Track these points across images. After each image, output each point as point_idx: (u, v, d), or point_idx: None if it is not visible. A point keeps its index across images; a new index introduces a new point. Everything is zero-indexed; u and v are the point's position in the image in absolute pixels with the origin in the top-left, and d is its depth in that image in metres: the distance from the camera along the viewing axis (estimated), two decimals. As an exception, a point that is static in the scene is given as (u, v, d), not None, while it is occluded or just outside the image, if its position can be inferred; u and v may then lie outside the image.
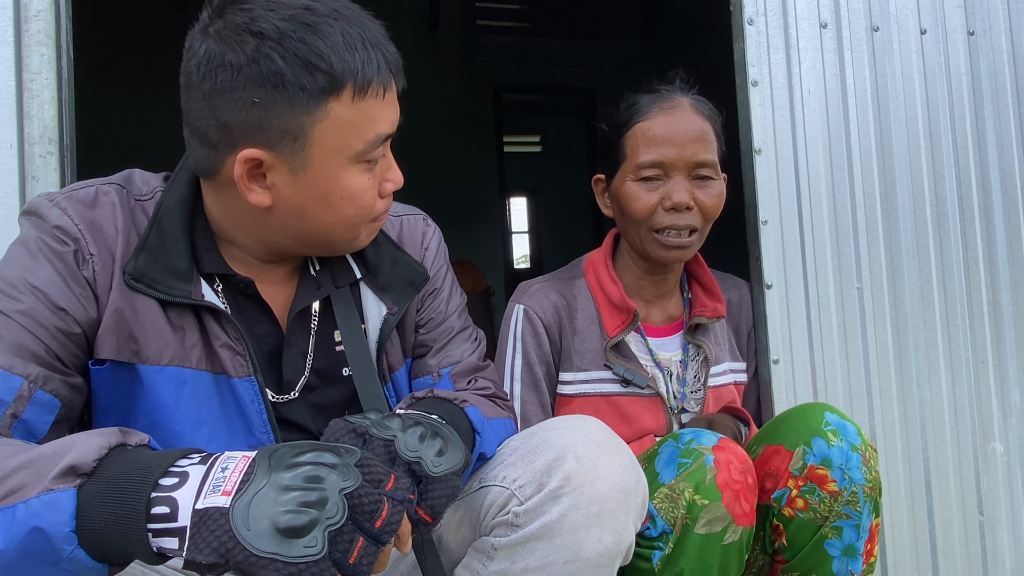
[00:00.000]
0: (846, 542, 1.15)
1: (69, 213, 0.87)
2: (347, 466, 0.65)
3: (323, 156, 0.85)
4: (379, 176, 0.92)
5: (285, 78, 0.81)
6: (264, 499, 0.61)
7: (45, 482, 0.63)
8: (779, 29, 1.57)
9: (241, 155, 0.84)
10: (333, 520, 0.61)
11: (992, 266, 1.67)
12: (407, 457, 0.77)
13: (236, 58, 0.81)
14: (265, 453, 0.65)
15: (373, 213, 0.93)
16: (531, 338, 1.35)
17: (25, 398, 0.80)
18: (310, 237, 0.93)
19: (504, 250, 5.77)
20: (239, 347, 0.92)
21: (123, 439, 0.68)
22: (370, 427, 0.78)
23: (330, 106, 0.83)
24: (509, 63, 5.42)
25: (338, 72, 0.82)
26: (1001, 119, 1.69)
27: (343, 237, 0.94)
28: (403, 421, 0.81)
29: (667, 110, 1.30)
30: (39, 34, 1.21)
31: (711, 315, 1.38)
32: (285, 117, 0.82)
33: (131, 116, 4.32)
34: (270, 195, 0.87)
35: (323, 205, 0.89)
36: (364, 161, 0.88)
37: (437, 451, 0.79)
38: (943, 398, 1.62)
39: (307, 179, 0.86)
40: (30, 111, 1.20)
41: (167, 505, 0.62)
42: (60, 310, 0.84)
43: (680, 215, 1.28)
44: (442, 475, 0.77)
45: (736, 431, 1.33)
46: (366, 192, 0.90)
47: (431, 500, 0.77)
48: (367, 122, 0.86)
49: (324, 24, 0.82)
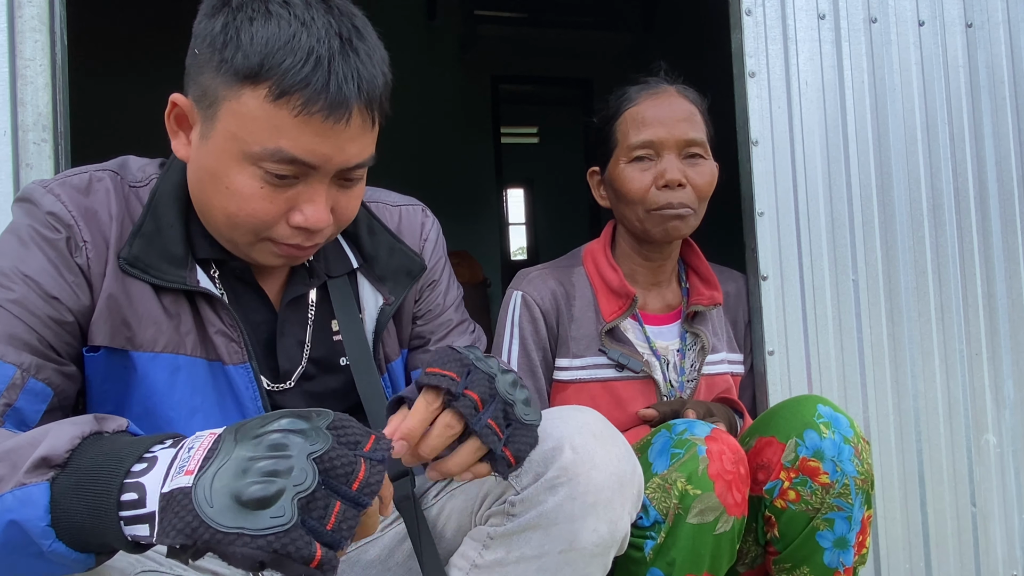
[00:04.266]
0: (838, 534, 1.16)
1: (63, 199, 0.87)
2: (317, 429, 0.61)
3: (223, 135, 0.83)
4: (286, 197, 0.85)
5: (216, 44, 0.82)
6: (226, 473, 0.58)
7: (18, 476, 0.62)
8: (777, 20, 1.57)
9: (173, 95, 0.87)
10: (302, 487, 0.57)
11: (987, 259, 1.67)
12: (506, 397, 0.77)
13: (207, 9, 0.84)
14: (232, 428, 0.62)
15: (263, 228, 0.86)
16: (528, 324, 1.35)
17: (18, 387, 0.79)
18: (213, 220, 0.89)
19: (501, 241, 5.78)
20: (234, 334, 0.92)
21: (98, 427, 0.66)
22: (475, 361, 0.78)
23: (244, 92, 0.81)
24: (507, 53, 5.39)
25: (256, 64, 0.79)
26: (998, 111, 1.69)
27: (227, 234, 0.89)
28: (499, 363, 0.81)
29: (654, 95, 1.35)
30: (33, 20, 1.20)
31: (708, 303, 1.39)
32: (208, 77, 0.83)
33: (126, 103, 4.30)
34: (187, 150, 0.88)
35: (212, 185, 0.86)
36: (258, 166, 0.82)
37: (525, 399, 0.80)
38: (937, 390, 1.62)
39: (207, 150, 0.85)
40: (24, 98, 1.20)
41: (136, 491, 0.61)
42: (52, 298, 0.84)
43: (674, 192, 1.30)
44: (530, 423, 0.79)
45: (731, 422, 1.33)
46: (252, 198, 0.84)
47: (518, 443, 0.77)
48: (271, 129, 0.80)
49: (282, 19, 0.80)
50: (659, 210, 1.30)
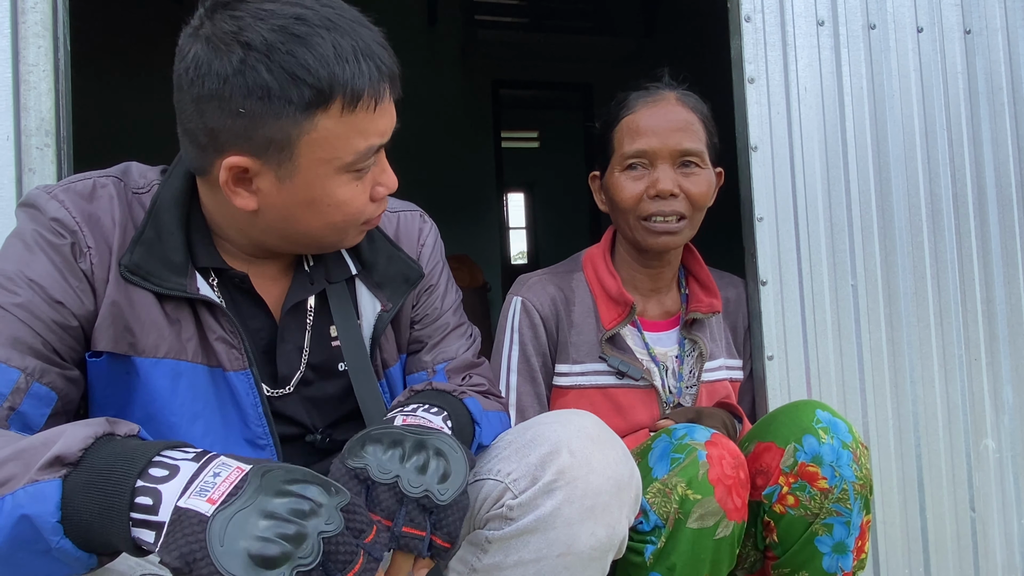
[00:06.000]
0: (836, 539, 1.16)
1: (67, 205, 0.87)
2: (332, 508, 0.63)
3: (310, 166, 0.84)
4: (370, 182, 0.91)
5: (271, 91, 0.79)
6: (245, 520, 0.60)
7: (31, 473, 0.63)
8: (776, 26, 1.58)
9: (226, 162, 0.83)
10: (305, 562, 0.59)
11: (986, 264, 1.67)
12: (414, 495, 0.75)
13: (223, 67, 0.79)
14: (259, 471, 0.64)
15: (362, 218, 0.93)
16: (528, 330, 1.36)
17: (22, 391, 0.80)
18: (297, 239, 0.93)
19: (501, 246, 5.78)
20: (234, 340, 0.93)
21: (111, 429, 0.67)
22: (371, 470, 0.75)
23: (318, 119, 0.81)
24: (507, 58, 5.41)
25: (326, 86, 0.80)
26: (996, 118, 1.69)
27: (330, 240, 0.94)
28: (402, 451, 0.77)
29: (651, 103, 1.34)
30: (36, 26, 1.21)
31: (707, 310, 1.39)
32: (271, 128, 0.81)
33: (128, 109, 4.31)
34: (256, 200, 0.87)
35: (310, 211, 0.88)
36: (354, 171, 0.87)
37: (441, 476, 0.76)
38: (936, 395, 1.62)
39: (294, 187, 0.86)
40: (27, 103, 1.20)
41: (151, 496, 0.62)
42: (57, 303, 0.84)
43: (665, 202, 1.30)
44: (451, 501, 0.76)
45: (729, 425, 1.33)
46: (354, 199, 0.89)
47: (446, 527, 0.76)
48: (357, 135, 0.84)
49: (314, 35, 0.80)
50: (649, 220, 1.31)
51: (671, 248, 1.34)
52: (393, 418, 0.86)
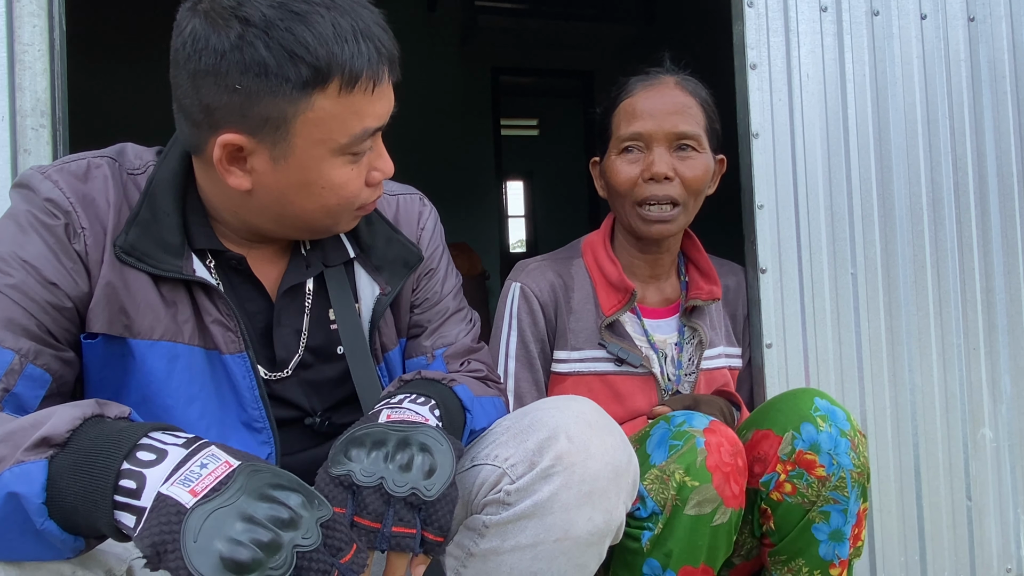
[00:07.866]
0: (833, 527, 1.16)
1: (61, 186, 0.87)
2: (312, 522, 0.62)
3: (305, 147, 0.84)
4: (366, 166, 0.90)
5: (268, 68, 0.78)
6: (223, 519, 0.59)
7: (18, 453, 0.63)
8: (779, 12, 1.56)
9: (221, 139, 0.82)
10: (275, 573, 0.58)
11: (986, 253, 1.67)
12: (400, 494, 0.74)
13: (220, 43, 0.79)
14: (246, 469, 0.63)
15: (357, 202, 0.92)
16: (527, 316, 1.35)
17: (16, 372, 0.80)
18: (290, 222, 0.92)
19: (500, 234, 5.77)
20: (230, 323, 0.92)
21: (100, 411, 0.67)
22: (355, 475, 0.74)
23: (315, 98, 0.81)
24: (507, 45, 5.37)
25: (324, 65, 0.79)
26: (999, 106, 1.69)
27: (323, 224, 0.93)
28: (386, 451, 0.77)
29: (649, 86, 1.34)
30: (31, 5, 1.20)
31: (707, 297, 1.39)
32: (267, 106, 0.80)
33: (125, 89, 4.29)
34: (250, 179, 0.86)
35: (303, 193, 0.87)
36: (349, 153, 0.87)
37: (427, 471, 0.76)
38: (934, 384, 1.62)
39: (288, 167, 0.85)
40: (22, 83, 1.19)
41: (135, 480, 0.61)
42: (51, 284, 0.84)
43: (660, 185, 1.29)
44: (439, 496, 0.76)
45: (727, 412, 1.33)
46: (349, 182, 0.89)
47: (436, 521, 0.76)
48: (353, 116, 0.84)
49: (314, 14, 0.79)
50: (644, 205, 1.30)
51: (665, 236, 1.33)
52: (378, 413, 0.85)
